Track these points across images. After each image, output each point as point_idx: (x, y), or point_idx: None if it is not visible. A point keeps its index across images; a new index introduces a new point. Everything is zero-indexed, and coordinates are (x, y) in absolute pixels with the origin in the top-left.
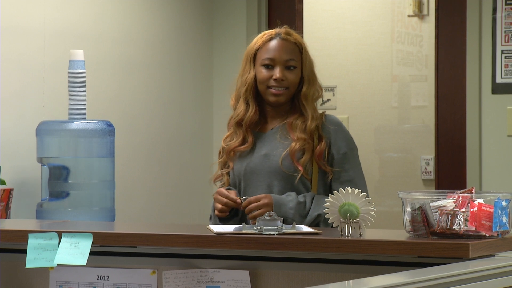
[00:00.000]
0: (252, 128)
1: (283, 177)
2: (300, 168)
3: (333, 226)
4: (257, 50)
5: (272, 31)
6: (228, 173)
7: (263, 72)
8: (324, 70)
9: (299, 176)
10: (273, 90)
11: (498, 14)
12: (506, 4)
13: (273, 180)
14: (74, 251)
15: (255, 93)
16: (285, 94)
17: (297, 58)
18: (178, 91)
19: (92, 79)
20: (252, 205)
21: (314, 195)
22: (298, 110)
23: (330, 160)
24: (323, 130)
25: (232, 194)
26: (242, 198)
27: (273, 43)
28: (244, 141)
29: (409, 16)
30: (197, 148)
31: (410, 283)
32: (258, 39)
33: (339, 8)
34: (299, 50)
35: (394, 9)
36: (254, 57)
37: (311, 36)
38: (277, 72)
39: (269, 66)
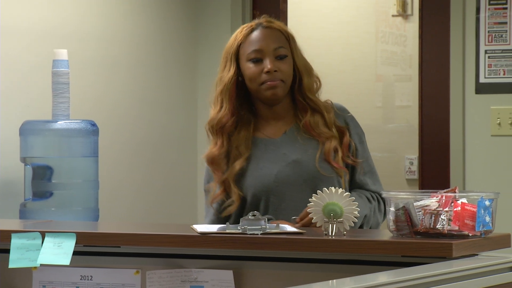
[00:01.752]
0: (250, 137)
1: (323, 182)
2: (341, 167)
3: (317, 225)
4: (239, 45)
5: (251, 23)
6: (237, 189)
7: (251, 68)
8: None
9: (347, 175)
10: (267, 84)
11: (482, 14)
12: (489, 4)
13: (311, 188)
14: (57, 251)
15: (234, 95)
16: (281, 86)
17: (286, 45)
18: (163, 90)
19: (76, 79)
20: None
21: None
22: (306, 106)
23: (353, 150)
24: (338, 119)
25: None
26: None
27: (256, 33)
28: (221, 146)
29: (393, 16)
30: (181, 148)
31: (393, 282)
32: (237, 34)
33: (324, 8)
34: (286, 38)
35: (378, 9)
36: (236, 54)
37: (296, 36)
38: (267, 63)
39: (257, 60)
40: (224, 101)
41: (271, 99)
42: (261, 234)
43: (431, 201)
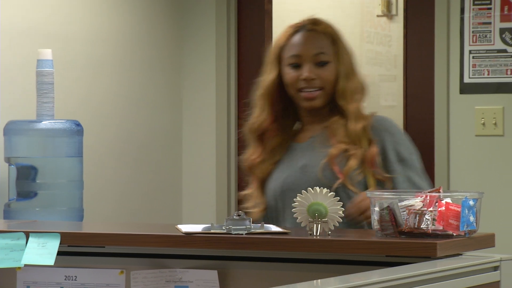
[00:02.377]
0: (286, 141)
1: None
2: (340, 176)
3: (302, 225)
4: (281, 48)
5: (298, 23)
6: (262, 194)
7: (290, 73)
8: None
9: (335, 185)
10: (304, 94)
11: (466, 15)
12: (474, 5)
13: None
14: (41, 251)
15: (275, 99)
16: (320, 97)
17: (329, 51)
18: (148, 90)
19: (60, 79)
20: (357, 207)
21: None
22: (335, 112)
23: (387, 167)
24: (372, 132)
25: None
26: None
27: (298, 36)
28: (261, 153)
29: (378, 16)
30: (166, 148)
31: (378, 282)
32: (281, 35)
33: (309, 8)
34: (332, 41)
35: (363, 9)
36: (278, 57)
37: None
38: (305, 71)
39: (296, 65)
40: (264, 106)
41: (308, 110)
42: (246, 234)
43: (416, 201)
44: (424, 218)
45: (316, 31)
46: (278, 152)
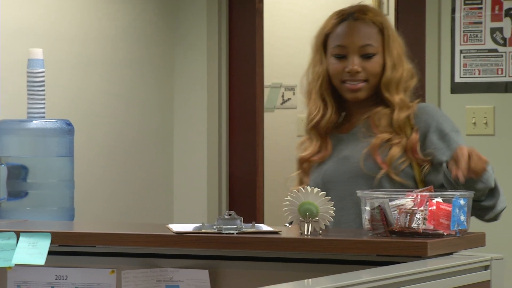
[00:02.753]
0: (332, 130)
1: (367, 181)
2: (383, 166)
3: (293, 225)
4: (326, 36)
5: (344, 10)
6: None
7: (334, 64)
8: (285, 70)
9: (379, 175)
10: (348, 85)
11: (457, 14)
12: (465, 4)
13: (356, 186)
14: (32, 251)
15: (328, 91)
16: (364, 89)
17: (376, 42)
18: (139, 90)
19: (51, 78)
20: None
21: None
22: (379, 102)
23: (430, 148)
24: (414, 120)
25: None
26: None
27: (344, 26)
28: (321, 149)
29: None
30: (158, 148)
31: (369, 281)
32: (327, 21)
33: (300, 7)
34: (380, 31)
35: None
36: (324, 45)
37: (272, 36)
38: (350, 63)
39: (341, 56)
40: (326, 98)
41: (352, 101)
42: (237, 233)
43: (406, 200)
44: (415, 218)
45: (364, 20)
46: (324, 144)
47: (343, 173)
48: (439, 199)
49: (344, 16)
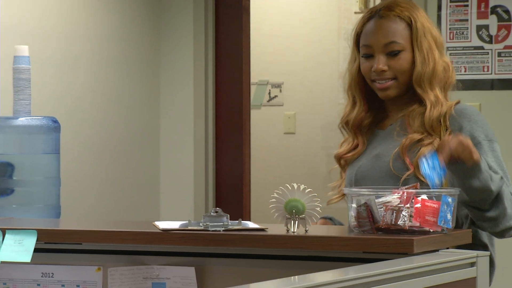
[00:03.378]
0: (370, 127)
1: (396, 181)
2: (411, 167)
3: (279, 222)
4: (358, 35)
5: (373, 7)
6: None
7: (363, 64)
8: (272, 67)
9: (404, 176)
10: (377, 84)
11: (443, 11)
12: (451, 2)
13: (385, 186)
14: (18, 248)
15: (363, 88)
16: (394, 87)
17: (402, 38)
18: (125, 88)
19: (37, 75)
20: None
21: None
22: (413, 99)
23: None
24: (450, 121)
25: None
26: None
27: (371, 24)
28: (355, 146)
29: (355, 13)
30: (144, 145)
31: (355, 278)
32: (359, 20)
33: (286, 5)
34: (408, 26)
35: (340, 6)
36: (357, 44)
37: (258, 33)
38: (375, 62)
39: (369, 55)
40: (355, 97)
41: (384, 99)
42: (223, 230)
43: (393, 197)
44: (401, 215)
45: (389, 17)
46: (361, 140)
47: (374, 172)
48: (425, 197)
49: (372, 14)
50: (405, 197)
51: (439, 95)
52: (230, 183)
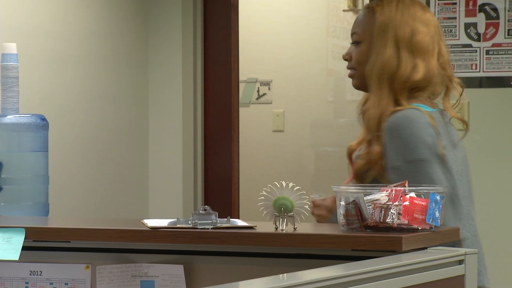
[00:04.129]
0: None
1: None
2: (352, 170)
3: (268, 220)
4: None
5: None
6: None
7: None
8: (260, 65)
9: (346, 182)
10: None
11: (431, 9)
12: (439, 0)
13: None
14: (6, 246)
15: None
16: (355, 77)
17: (365, 31)
18: (113, 85)
19: (25, 73)
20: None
21: None
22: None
23: (388, 176)
24: (384, 130)
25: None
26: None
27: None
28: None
29: (344, 10)
30: (132, 143)
31: (343, 276)
32: None
33: (275, 2)
34: (373, 21)
35: (329, 4)
36: None
37: (247, 31)
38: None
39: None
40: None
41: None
42: (212, 228)
43: (381, 195)
44: (390, 213)
45: (365, 10)
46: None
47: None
48: (413, 194)
49: None
50: (393, 195)
51: (384, 96)
52: (218, 181)
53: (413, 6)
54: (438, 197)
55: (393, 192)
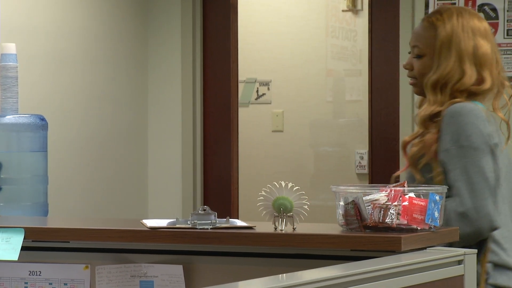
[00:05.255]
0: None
1: (407, 176)
2: (406, 162)
3: (267, 220)
4: None
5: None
6: None
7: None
8: (259, 65)
9: (400, 171)
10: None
11: (431, 9)
12: (438, 0)
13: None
14: (5, 246)
15: None
16: (416, 85)
17: (426, 45)
18: (113, 85)
19: (24, 73)
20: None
21: None
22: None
23: (438, 158)
24: (442, 120)
25: None
26: None
27: (416, 26)
28: (417, 135)
29: (343, 11)
30: (131, 143)
31: (343, 276)
32: None
33: (274, 2)
34: (435, 34)
35: (328, 4)
36: None
37: (246, 31)
38: (407, 60)
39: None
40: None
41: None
42: (211, 228)
43: (380, 195)
44: (389, 213)
45: (423, 23)
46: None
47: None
48: (412, 194)
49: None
50: (392, 195)
51: (439, 98)
52: (218, 181)
53: (471, 18)
54: (437, 197)
55: (392, 192)
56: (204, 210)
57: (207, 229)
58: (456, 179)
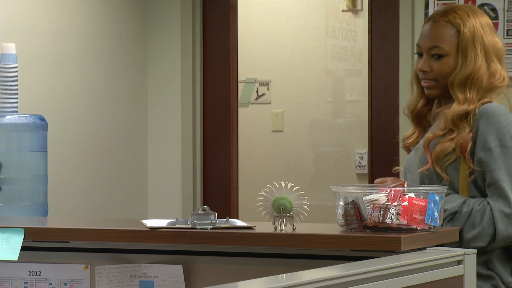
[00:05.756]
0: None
1: (419, 173)
2: (430, 160)
3: (267, 220)
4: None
5: (435, 12)
6: None
7: (416, 61)
8: (259, 65)
9: (421, 168)
10: (422, 82)
11: (431, 10)
12: (438, 0)
13: (418, 178)
14: (5, 246)
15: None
16: (435, 87)
17: (448, 44)
18: (112, 85)
19: (24, 73)
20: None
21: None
22: (450, 99)
23: (476, 157)
24: (473, 120)
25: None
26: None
27: (426, 27)
28: (413, 134)
29: (343, 11)
30: (131, 143)
31: (342, 276)
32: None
33: (274, 3)
34: (456, 33)
35: (328, 4)
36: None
37: (246, 31)
38: (421, 62)
39: (420, 54)
40: (416, 88)
41: (428, 96)
42: (210, 228)
43: (380, 195)
44: (389, 213)
45: (440, 22)
46: (418, 129)
47: (412, 163)
48: (412, 195)
49: (430, 18)
50: (392, 195)
51: (469, 96)
52: (217, 181)
53: (482, 15)
54: (437, 197)
55: (392, 192)
56: (204, 210)
57: (207, 229)
58: (500, 179)
